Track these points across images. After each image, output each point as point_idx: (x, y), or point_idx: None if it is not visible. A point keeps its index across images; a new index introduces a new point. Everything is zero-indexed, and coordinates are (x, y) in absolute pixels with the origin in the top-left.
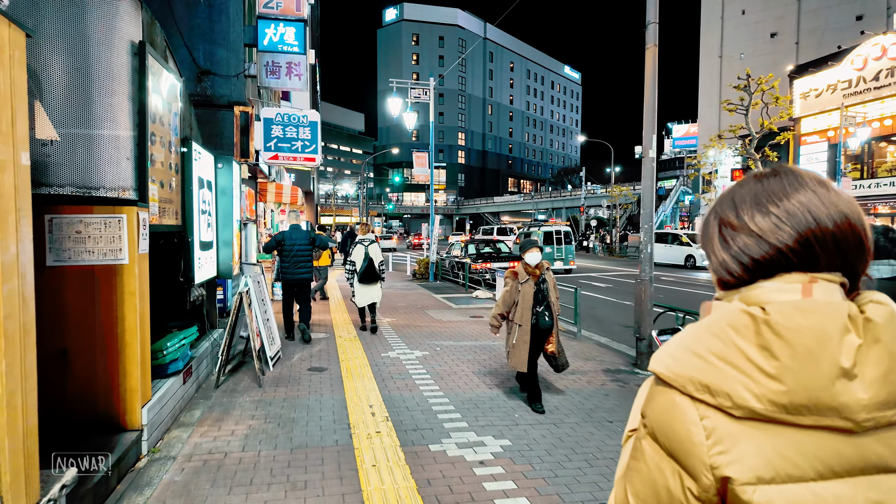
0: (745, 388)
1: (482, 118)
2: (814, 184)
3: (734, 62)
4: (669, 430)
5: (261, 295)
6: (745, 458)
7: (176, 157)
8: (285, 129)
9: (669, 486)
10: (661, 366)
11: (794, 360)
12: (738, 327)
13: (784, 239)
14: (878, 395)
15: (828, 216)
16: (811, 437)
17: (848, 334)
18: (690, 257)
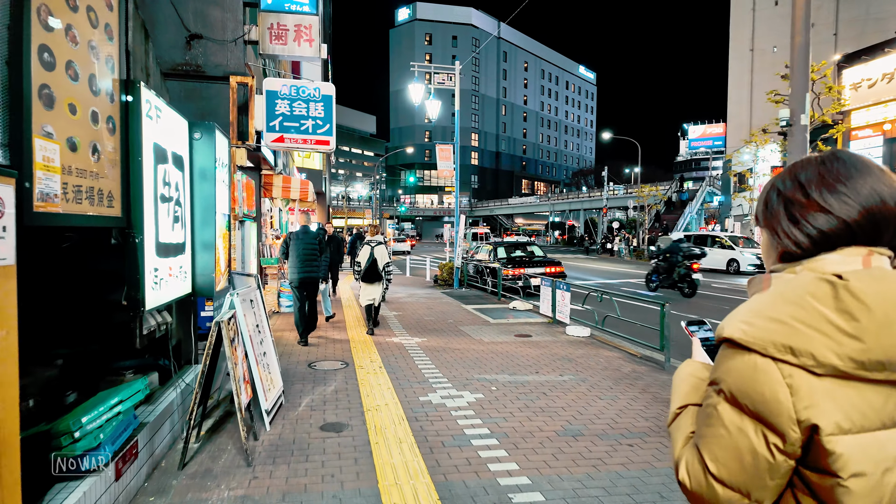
0: (828, 348)
1: (496, 119)
2: (875, 167)
3: (766, 56)
4: (753, 391)
5: (254, 319)
6: (829, 411)
7: (110, 107)
8: (293, 105)
9: (754, 446)
10: (739, 332)
11: (873, 321)
12: (817, 294)
13: (852, 214)
14: None
15: (890, 196)
16: (879, 391)
17: None
18: (734, 261)
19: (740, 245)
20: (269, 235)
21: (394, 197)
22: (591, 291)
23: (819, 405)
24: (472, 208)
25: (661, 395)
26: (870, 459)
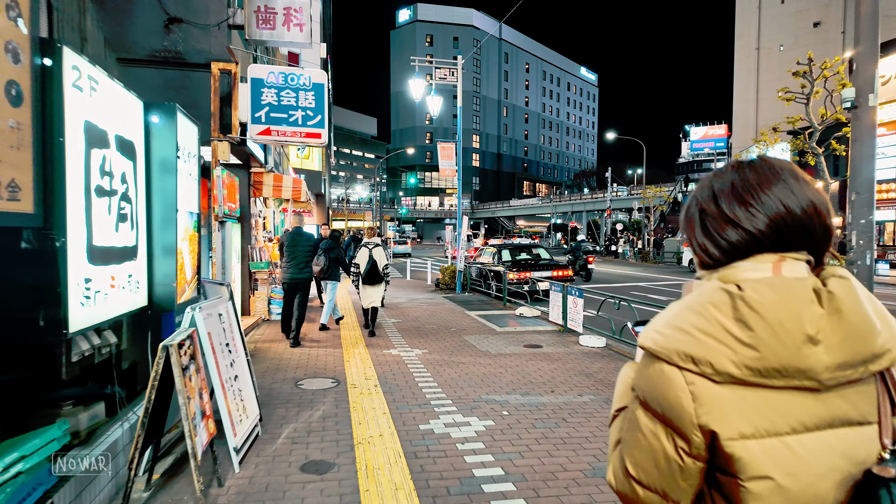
0: (725, 357)
1: (497, 120)
2: (786, 174)
3: (773, 55)
4: (661, 397)
5: (223, 336)
6: (727, 417)
7: (14, 70)
8: (280, 95)
9: (665, 449)
10: (650, 341)
11: (766, 330)
12: (717, 303)
13: (758, 225)
14: (838, 357)
15: (796, 204)
16: (783, 397)
17: (813, 306)
18: None
19: None
20: (259, 238)
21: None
22: (608, 298)
23: (718, 411)
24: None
25: None
26: (773, 464)
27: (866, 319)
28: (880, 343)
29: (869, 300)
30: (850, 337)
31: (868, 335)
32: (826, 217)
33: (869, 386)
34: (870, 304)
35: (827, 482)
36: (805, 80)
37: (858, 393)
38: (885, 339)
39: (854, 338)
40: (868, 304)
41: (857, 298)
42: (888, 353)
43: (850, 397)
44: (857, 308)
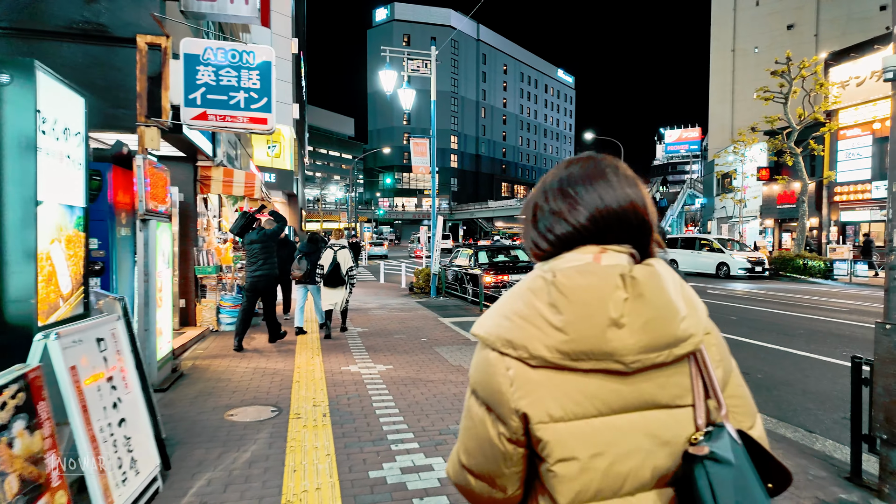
0: (539, 341)
1: (475, 121)
2: (609, 171)
3: (748, 56)
4: (485, 383)
5: (102, 368)
6: (540, 400)
7: None
8: (219, 74)
9: (490, 435)
10: (479, 328)
11: (574, 313)
12: (534, 289)
13: (579, 219)
14: (641, 340)
15: (614, 200)
16: (592, 380)
17: (617, 290)
18: (723, 265)
19: (728, 248)
20: (209, 240)
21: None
22: None
23: (531, 395)
24: (451, 211)
25: None
26: (580, 445)
27: (669, 304)
28: (683, 327)
29: (678, 286)
30: (653, 321)
31: (670, 319)
32: (644, 212)
33: (680, 369)
34: (678, 290)
35: (631, 461)
36: (783, 79)
37: (668, 376)
38: (688, 325)
39: (656, 322)
40: (675, 289)
41: (659, 283)
42: (691, 337)
43: (658, 380)
44: (659, 293)
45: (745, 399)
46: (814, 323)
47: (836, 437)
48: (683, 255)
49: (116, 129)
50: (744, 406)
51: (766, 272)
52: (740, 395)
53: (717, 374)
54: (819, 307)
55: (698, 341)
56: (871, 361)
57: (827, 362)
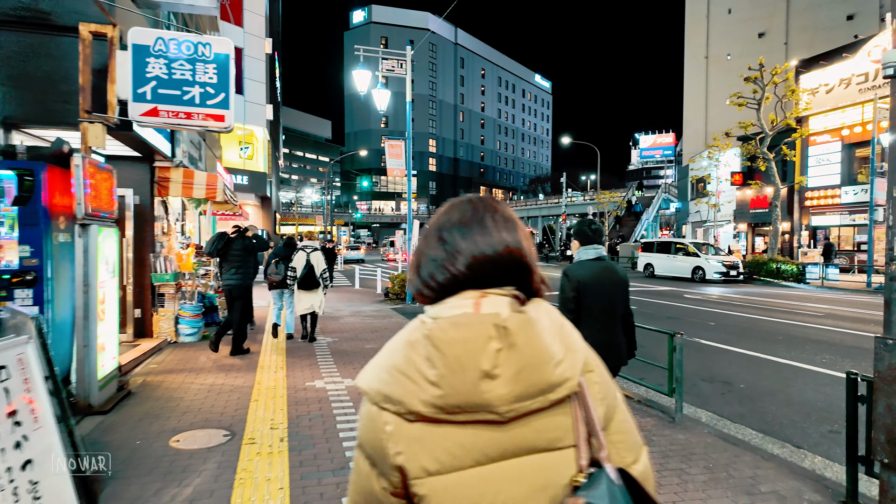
0: (415, 395)
1: (453, 125)
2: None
3: (721, 63)
4: (367, 439)
5: (1, 404)
6: (416, 455)
7: None
8: (172, 67)
9: (375, 489)
10: (361, 381)
11: (447, 367)
12: (413, 342)
13: (458, 265)
14: (514, 389)
15: (489, 245)
16: (469, 431)
17: (491, 342)
18: (699, 269)
19: (704, 252)
20: (170, 245)
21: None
22: None
23: (408, 450)
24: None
25: (687, 471)
26: (456, 497)
27: (542, 351)
28: (558, 373)
29: (556, 328)
30: (526, 370)
31: (544, 366)
32: (521, 255)
33: (562, 411)
34: (555, 333)
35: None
36: (756, 85)
37: (547, 420)
38: (563, 369)
39: (529, 370)
40: (551, 333)
41: (533, 331)
42: (567, 381)
43: (535, 426)
44: (532, 340)
45: (629, 434)
46: (791, 328)
47: (824, 452)
48: (659, 259)
49: (58, 126)
50: (627, 441)
51: (741, 276)
52: (624, 430)
53: (599, 411)
54: (795, 311)
55: (574, 384)
56: (867, 378)
57: (808, 370)
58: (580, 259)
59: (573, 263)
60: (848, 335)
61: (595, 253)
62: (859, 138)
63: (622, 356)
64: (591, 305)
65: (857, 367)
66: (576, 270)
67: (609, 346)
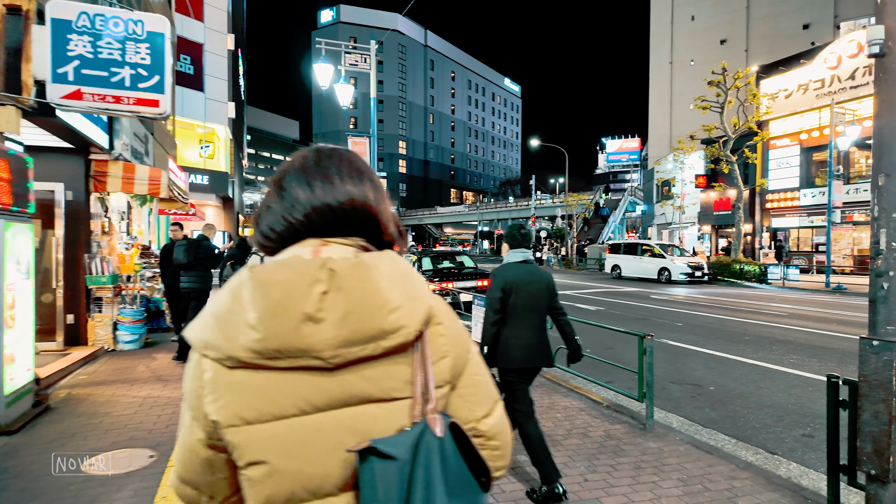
0: (234, 341)
1: (423, 127)
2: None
3: (685, 68)
4: (188, 388)
5: None
6: (232, 403)
7: None
8: (98, 45)
9: (194, 441)
10: (188, 331)
11: (268, 310)
12: (239, 285)
13: (295, 215)
14: (340, 334)
15: (331, 195)
16: (292, 378)
17: (316, 284)
18: (665, 270)
19: (669, 253)
20: (111, 245)
21: None
22: None
23: (224, 398)
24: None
25: (660, 484)
26: (272, 448)
27: (374, 296)
28: (392, 319)
29: (400, 277)
30: (353, 314)
31: (375, 311)
32: (368, 207)
33: (401, 360)
34: (396, 280)
35: (330, 461)
36: (720, 89)
37: (382, 369)
38: (399, 316)
39: (358, 315)
40: (391, 280)
41: (365, 274)
42: (402, 328)
43: (368, 374)
44: (363, 284)
45: (479, 388)
46: (758, 329)
47: (800, 458)
48: (626, 261)
49: None
50: (477, 395)
51: (706, 277)
52: (474, 384)
53: (443, 364)
54: (759, 311)
55: (411, 332)
56: (851, 381)
57: (777, 371)
58: (508, 261)
59: (501, 265)
60: (813, 335)
61: (522, 256)
62: (817, 142)
63: (547, 355)
64: (517, 305)
65: (824, 368)
66: (504, 271)
67: (534, 344)
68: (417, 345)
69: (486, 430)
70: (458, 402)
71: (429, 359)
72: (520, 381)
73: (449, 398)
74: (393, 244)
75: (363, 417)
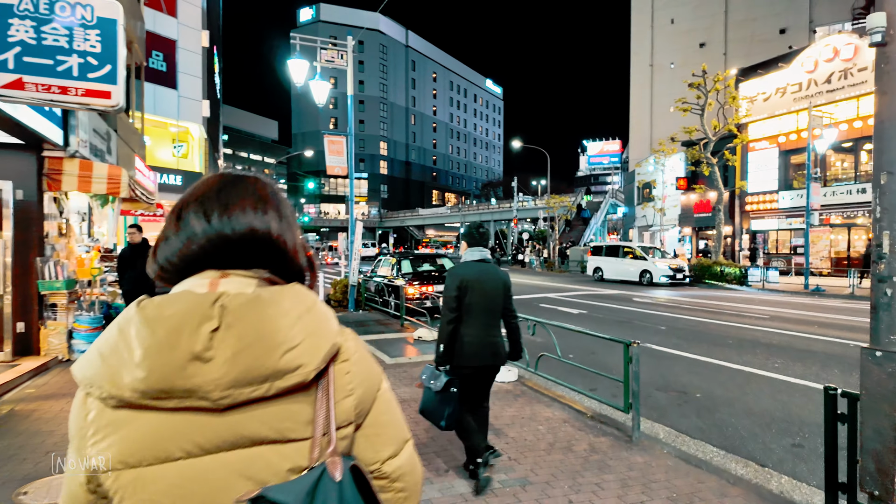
0: (118, 379)
1: (405, 128)
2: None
3: (665, 71)
4: (72, 428)
5: None
6: (115, 445)
7: None
8: (42, 31)
9: (74, 486)
10: (74, 367)
11: (154, 348)
12: (126, 320)
13: (192, 246)
14: (229, 374)
15: (227, 225)
16: (178, 419)
17: (207, 322)
18: (646, 272)
19: (651, 255)
20: (68, 248)
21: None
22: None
23: (106, 440)
24: (382, 219)
25: None
26: (157, 493)
27: (268, 334)
28: (288, 358)
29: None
30: (244, 353)
31: (269, 351)
32: (271, 237)
33: (298, 401)
34: (296, 318)
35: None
36: (700, 91)
37: (276, 410)
38: (296, 354)
39: (249, 354)
40: (289, 318)
41: (260, 312)
42: (300, 367)
43: (260, 415)
44: (257, 322)
45: (387, 428)
46: (741, 332)
47: (790, 471)
48: (608, 263)
49: None
50: (383, 435)
51: (687, 279)
52: (381, 423)
53: (348, 403)
54: (741, 314)
55: (309, 371)
56: (851, 394)
57: (762, 376)
58: (466, 260)
59: (459, 264)
60: (795, 338)
61: (480, 255)
62: (794, 145)
63: (500, 354)
64: (473, 304)
65: (808, 372)
66: (460, 270)
67: (487, 343)
68: (322, 382)
69: (390, 472)
70: (363, 441)
71: (332, 398)
72: (474, 380)
73: (354, 438)
74: (303, 274)
75: (256, 460)
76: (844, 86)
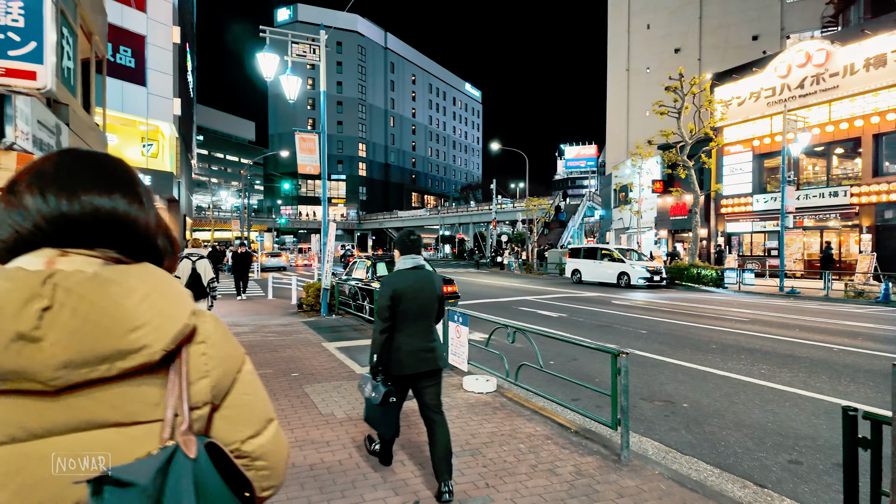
0: None
1: (384, 130)
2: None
3: (641, 75)
4: None
5: None
6: None
7: None
8: None
9: None
10: None
11: None
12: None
13: (25, 223)
14: (62, 355)
15: (68, 203)
16: (5, 403)
17: (36, 301)
18: (624, 275)
19: (628, 257)
20: None
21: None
22: (500, 325)
23: None
24: (360, 221)
25: None
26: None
27: (110, 312)
28: (132, 338)
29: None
30: (80, 332)
31: (110, 330)
32: (117, 215)
33: (147, 383)
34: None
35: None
36: (676, 94)
37: (119, 392)
38: (143, 335)
39: (86, 333)
40: (134, 297)
41: (101, 291)
42: (145, 348)
43: (101, 398)
44: (97, 301)
45: (246, 408)
46: (723, 336)
47: (791, 492)
48: (587, 265)
49: None
50: (242, 416)
51: (664, 281)
52: (240, 404)
53: (203, 384)
54: (722, 317)
55: (156, 351)
56: (875, 416)
57: (750, 383)
58: (399, 268)
59: (392, 273)
60: (778, 342)
61: (413, 262)
62: (768, 149)
63: (437, 359)
64: (407, 312)
65: (794, 378)
66: (392, 279)
67: (424, 350)
68: (174, 364)
69: (251, 451)
70: (221, 422)
71: (185, 379)
72: (415, 388)
73: (213, 418)
74: (160, 255)
75: (97, 444)
76: (817, 90)
